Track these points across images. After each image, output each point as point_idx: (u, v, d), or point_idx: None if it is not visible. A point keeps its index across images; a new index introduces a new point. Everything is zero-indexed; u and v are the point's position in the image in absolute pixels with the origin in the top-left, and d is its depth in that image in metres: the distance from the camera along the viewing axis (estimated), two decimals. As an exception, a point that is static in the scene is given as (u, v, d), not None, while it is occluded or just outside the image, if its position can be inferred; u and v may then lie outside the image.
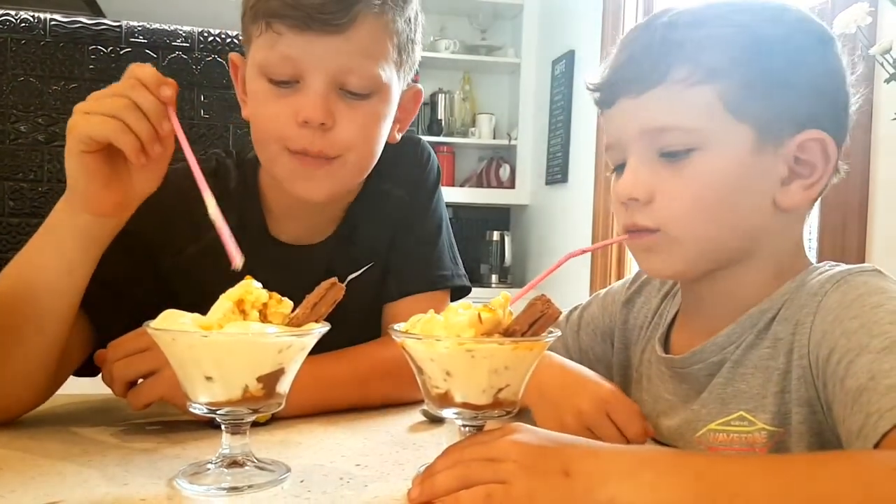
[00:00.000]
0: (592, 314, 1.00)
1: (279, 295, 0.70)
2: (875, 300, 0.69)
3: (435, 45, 3.85)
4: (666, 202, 0.77)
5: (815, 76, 0.77)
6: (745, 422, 0.76)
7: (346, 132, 0.94)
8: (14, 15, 2.64)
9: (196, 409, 0.68)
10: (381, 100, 0.97)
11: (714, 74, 0.75)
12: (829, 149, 0.76)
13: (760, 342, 0.77)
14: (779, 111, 0.76)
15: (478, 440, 0.64)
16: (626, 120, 0.80)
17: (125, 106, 0.77)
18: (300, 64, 0.91)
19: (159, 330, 0.66)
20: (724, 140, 0.75)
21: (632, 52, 0.80)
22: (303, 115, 0.91)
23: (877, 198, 1.83)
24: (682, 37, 0.76)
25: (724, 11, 0.78)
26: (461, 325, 0.64)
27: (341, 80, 0.93)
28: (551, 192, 3.69)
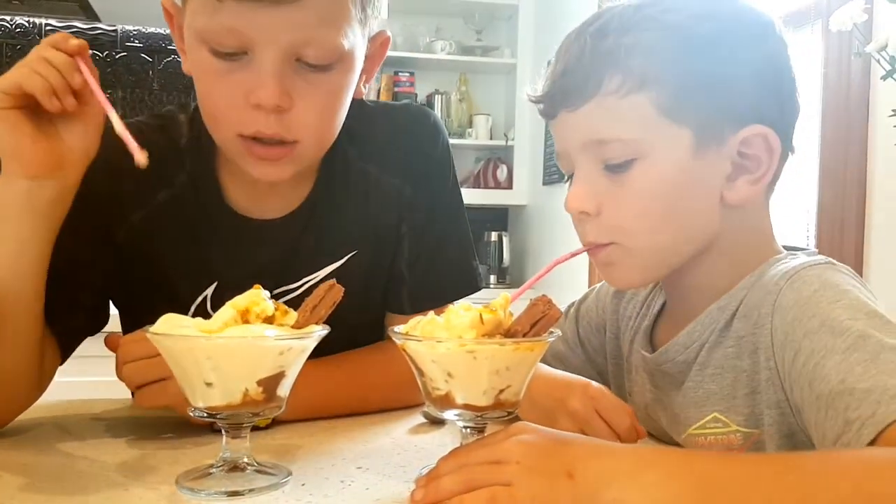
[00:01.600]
0: (588, 307, 1.01)
1: (284, 306, 0.69)
2: (830, 295, 0.68)
3: (431, 46, 3.85)
4: (613, 214, 0.77)
5: (754, 68, 0.75)
6: (719, 423, 0.76)
7: (304, 114, 0.84)
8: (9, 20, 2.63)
9: (196, 414, 0.68)
10: (345, 69, 0.87)
11: (646, 82, 0.74)
12: (771, 142, 0.75)
13: (723, 341, 0.77)
14: (717, 110, 0.75)
15: (482, 442, 0.64)
16: (567, 133, 0.80)
17: (35, 59, 0.77)
18: (247, 36, 0.80)
19: (159, 335, 0.66)
20: (662, 147, 0.75)
21: (566, 64, 0.78)
22: (255, 98, 0.81)
23: (874, 194, 1.83)
24: (611, 45, 0.75)
25: (655, 12, 0.76)
26: (462, 327, 0.64)
27: (297, 53, 0.82)
28: (549, 192, 3.69)
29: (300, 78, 0.83)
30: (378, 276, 1.03)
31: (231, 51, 0.81)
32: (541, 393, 0.81)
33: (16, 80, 0.76)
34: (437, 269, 1.04)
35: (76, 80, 0.78)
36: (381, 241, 1.02)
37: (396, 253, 1.04)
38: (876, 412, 0.58)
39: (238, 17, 0.79)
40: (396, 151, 1.03)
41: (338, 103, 0.89)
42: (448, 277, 1.05)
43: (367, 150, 1.02)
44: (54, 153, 0.80)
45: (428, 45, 3.85)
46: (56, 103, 0.77)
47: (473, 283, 1.07)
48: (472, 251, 1.09)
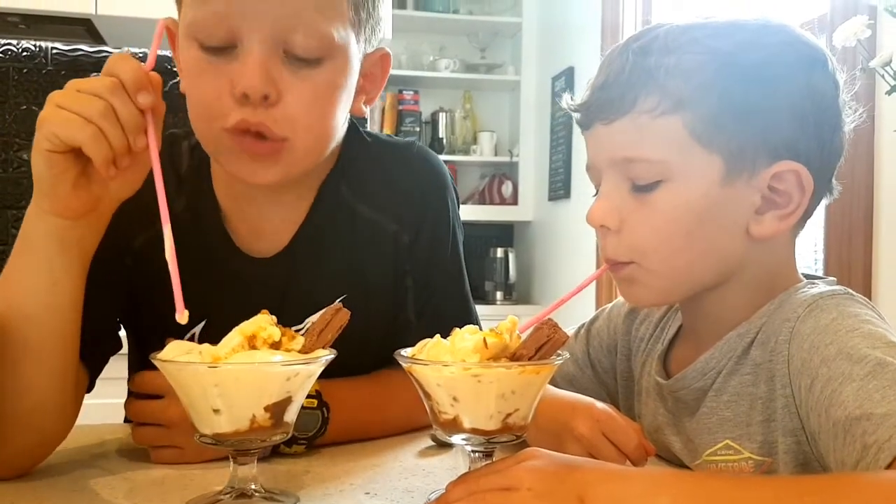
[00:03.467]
0: (599, 328, 1.00)
1: (291, 331, 0.69)
2: (849, 324, 0.68)
3: (435, 64, 3.86)
4: (633, 232, 0.76)
5: (794, 102, 0.74)
6: (731, 450, 0.75)
7: (292, 108, 0.81)
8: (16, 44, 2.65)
9: (204, 441, 0.67)
10: (336, 67, 0.84)
11: (681, 104, 0.73)
12: (804, 180, 0.74)
13: (740, 368, 0.77)
14: (750, 141, 0.73)
15: (493, 468, 0.63)
16: (598, 146, 0.79)
17: (102, 111, 0.70)
18: (235, 23, 0.79)
19: (166, 361, 0.66)
20: (691, 172, 0.74)
21: (606, 77, 0.78)
22: (241, 86, 0.78)
23: (881, 209, 1.82)
24: (653, 64, 0.74)
25: (701, 36, 0.75)
26: (466, 351, 0.64)
27: (284, 41, 0.80)
28: (554, 208, 3.69)
29: (288, 72, 0.81)
30: (376, 323, 0.98)
31: (219, 43, 0.80)
32: (546, 416, 0.80)
33: (77, 138, 0.70)
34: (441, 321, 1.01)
35: (139, 144, 0.72)
36: (376, 286, 0.98)
37: (403, 303, 1.01)
38: (893, 436, 0.58)
39: (226, 2, 0.79)
40: (394, 195, 0.99)
41: (329, 102, 0.85)
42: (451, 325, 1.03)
43: (361, 188, 0.98)
44: (92, 199, 0.75)
45: (432, 63, 3.86)
46: (112, 172, 0.72)
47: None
48: (470, 300, 1.07)
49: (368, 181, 0.99)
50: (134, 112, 0.72)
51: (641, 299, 0.83)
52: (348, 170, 0.98)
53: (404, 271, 1.00)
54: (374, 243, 0.98)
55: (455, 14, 3.89)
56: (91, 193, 0.75)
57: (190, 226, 0.92)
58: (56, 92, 0.72)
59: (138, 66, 0.73)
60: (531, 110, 3.90)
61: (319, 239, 0.97)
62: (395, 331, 1.00)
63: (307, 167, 0.90)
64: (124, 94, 0.71)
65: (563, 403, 0.82)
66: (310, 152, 0.88)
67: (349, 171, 0.98)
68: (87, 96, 0.71)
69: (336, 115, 0.87)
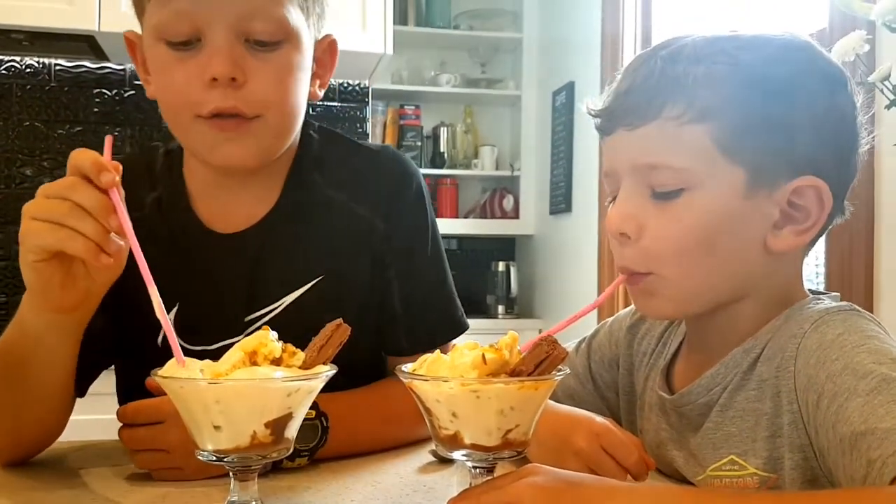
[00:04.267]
0: (600, 342, 1.00)
1: (292, 346, 0.69)
2: (855, 339, 0.68)
3: (436, 79, 3.87)
4: (653, 240, 0.76)
5: (817, 119, 0.75)
6: (735, 466, 0.75)
7: (260, 87, 0.89)
8: (19, 60, 2.67)
9: (205, 457, 0.67)
10: (294, 48, 0.92)
11: (708, 114, 0.73)
12: (824, 196, 0.75)
13: (746, 384, 0.77)
14: (774, 155, 0.74)
15: (493, 485, 0.63)
16: (620, 151, 0.79)
17: (68, 211, 0.72)
18: (197, 18, 0.86)
19: (167, 378, 0.66)
20: (714, 182, 0.74)
21: (632, 83, 0.78)
22: (209, 71, 0.86)
23: (882, 223, 1.82)
24: (681, 72, 0.75)
25: (729, 48, 0.75)
26: (465, 366, 0.64)
27: (245, 29, 0.88)
28: (556, 222, 3.69)
29: (251, 56, 0.88)
30: (352, 310, 0.97)
31: (184, 38, 0.87)
32: (546, 431, 0.80)
33: (54, 243, 0.73)
34: (427, 313, 1.04)
35: (113, 225, 0.73)
36: (352, 272, 1.01)
37: (385, 295, 1.03)
38: None
39: (188, 1, 0.86)
40: (367, 185, 1.04)
41: (291, 79, 0.92)
42: (437, 322, 1.05)
43: (336, 178, 1.03)
44: (80, 294, 0.79)
45: (433, 78, 3.88)
46: (105, 259, 0.74)
47: (460, 328, 1.07)
48: (455, 294, 1.08)
49: (342, 172, 1.03)
50: (98, 198, 0.73)
51: (658, 312, 0.83)
52: (322, 162, 1.02)
53: (385, 263, 1.02)
54: (349, 229, 1.02)
55: (456, 30, 3.90)
56: (79, 290, 0.78)
57: (157, 213, 0.99)
58: (28, 203, 0.75)
59: (94, 154, 0.74)
60: (532, 125, 3.91)
61: (293, 216, 1.01)
62: (382, 322, 1.03)
63: (279, 146, 0.96)
64: (85, 186, 0.73)
65: (563, 418, 0.82)
66: (281, 129, 0.94)
67: (323, 162, 1.03)
68: (54, 201, 0.73)
69: (298, 92, 0.94)
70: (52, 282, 0.76)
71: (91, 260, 0.73)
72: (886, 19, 1.27)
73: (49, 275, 0.76)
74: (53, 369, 0.84)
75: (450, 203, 3.90)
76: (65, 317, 0.81)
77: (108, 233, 0.74)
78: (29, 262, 0.75)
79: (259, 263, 0.98)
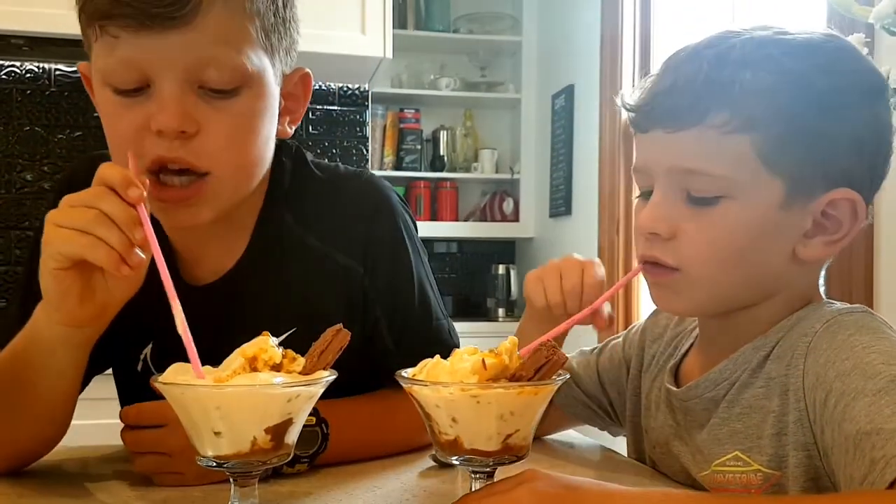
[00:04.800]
0: (615, 344, 1.02)
1: (293, 352, 0.69)
2: (866, 340, 0.68)
3: (435, 83, 3.88)
4: (687, 243, 0.76)
5: (858, 131, 0.74)
6: (740, 462, 0.75)
7: (213, 140, 0.81)
8: (19, 66, 2.67)
9: (205, 463, 0.67)
10: (254, 94, 0.84)
11: (752, 124, 0.72)
12: (858, 209, 0.74)
13: (754, 381, 0.77)
14: (813, 167, 0.73)
15: (493, 489, 0.63)
16: (656, 152, 0.78)
17: (94, 218, 0.72)
18: (145, 67, 0.79)
19: (167, 384, 0.66)
20: (753, 192, 0.73)
21: (674, 82, 0.76)
22: (156, 124, 0.79)
23: (881, 223, 1.82)
24: (727, 77, 0.73)
25: (777, 53, 0.73)
26: (465, 372, 0.64)
27: (198, 77, 0.81)
28: (556, 225, 3.69)
29: (205, 104, 0.82)
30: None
31: (132, 87, 0.81)
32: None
33: (77, 251, 0.72)
34: (419, 346, 0.98)
35: (138, 238, 0.73)
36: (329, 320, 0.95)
37: (375, 333, 1.00)
38: None
39: (133, 49, 0.79)
40: (343, 225, 0.99)
41: (250, 131, 0.85)
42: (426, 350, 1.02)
43: (308, 218, 0.98)
44: (97, 308, 0.78)
45: (433, 81, 3.88)
46: (125, 270, 0.73)
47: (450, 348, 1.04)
48: (442, 313, 1.05)
49: (315, 213, 0.98)
50: (125, 209, 0.72)
51: (675, 308, 0.83)
52: (294, 201, 0.98)
53: (368, 301, 0.99)
54: (326, 276, 0.98)
55: (455, 33, 3.90)
56: (96, 304, 0.77)
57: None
58: (52, 211, 0.74)
59: (122, 169, 0.74)
60: (532, 128, 3.91)
61: (263, 267, 0.96)
62: (376, 357, 1.00)
63: (236, 200, 0.90)
64: (113, 196, 0.73)
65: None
66: (236, 184, 0.88)
67: (295, 202, 0.98)
68: (79, 209, 0.73)
69: (258, 142, 0.87)
70: (71, 292, 0.75)
71: (112, 270, 0.73)
72: (885, 22, 1.28)
73: (68, 285, 0.75)
74: (61, 380, 0.83)
75: (450, 206, 3.90)
76: (78, 330, 0.79)
77: (133, 245, 0.73)
78: (49, 270, 0.74)
79: (227, 318, 0.93)
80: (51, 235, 0.73)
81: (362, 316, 1.00)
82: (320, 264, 0.97)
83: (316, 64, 1.22)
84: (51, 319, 0.78)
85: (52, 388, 0.83)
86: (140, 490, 0.81)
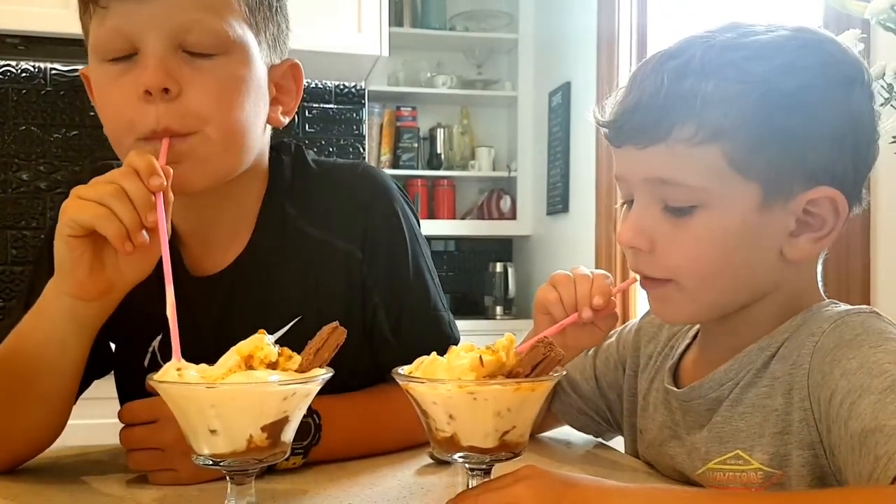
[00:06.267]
0: (610, 343, 1.01)
1: (289, 350, 0.69)
2: (873, 340, 0.68)
3: (432, 80, 3.88)
4: (668, 254, 0.76)
5: (834, 126, 0.73)
6: (740, 460, 0.75)
7: (196, 99, 0.84)
8: (14, 65, 2.67)
9: (201, 462, 0.67)
10: (237, 61, 0.88)
11: (720, 134, 0.71)
12: (839, 206, 0.74)
13: (758, 381, 0.77)
14: (789, 167, 0.72)
15: (491, 486, 0.63)
16: (631, 166, 0.78)
17: (113, 192, 0.76)
18: (132, 32, 0.84)
19: (162, 382, 0.66)
20: (728, 199, 0.73)
21: (639, 99, 0.76)
22: (141, 83, 0.83)
23: (878, 219, 1.82)
24: (689, 90, 0.72)
25: (738, 58, 0.72)
26: (462, 369, 0.64)
27: (182, 40, 0.85)
28: (553, 223, 3.69)
29: (187, 66, 0.85)
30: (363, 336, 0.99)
31: (120, 54, 0.85)
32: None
33: (89, 218, 0.76)
34: (417, 335, 1.01)
35: (150, 220, 0.76)
36: (331, 307, 0.98)
37: (374, 320, 1.01)
38: None
39: (121, 17, 0.84)
40: (342, 213, 1.00)
41: (233, 93, 0.88)
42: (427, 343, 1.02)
43: (309, 209, 1.00)
44: (106, 283, 0.81)
45: (429, 79, 3.88)
46: (128, 247, 0.76)
47: (449, 342, 1.03)
48: (443, 305, 1.06)
49: (315, 203, 1.00)
50: (144, 192, 0.77)
51: (674, 317, 0.84)
52: (294, 193, 1.00)
53: (367, 287, 1.00)
54: (327, 264, 0.99)
55: (451, 31, 3.90)
56: (105, 278, 0.81)
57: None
58: (79, 185, 0.78)
59: (151, 158, 0.78)
60: (528, 125, 3.91)
61: (266, 257, 0.98)
62: (374, 350, 1.01)
63: (231, 164, 0.91)
64: (136, 178, 0.77)
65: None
66: (226, 145, 0.88)
67: (295, 194, 1.00)
68: (103, 184, 0.77)
69: (244, 107, 0.89)
70: (82, 261, 0.78)
71: (117, 244, 0.76)
72: (881, 18, 1.27)
73: (80, 253, 0.78)
74: (61, 368, 0.84)
75: (447, 204, 3.90)
76: (85, 306, 0.81)
77: (142, 226, 0.77)
78: (63, 237, 0.77)
79: (231, 308, 0.97)
80: (69, 204, 0.77)
81: (362, 303, 1.01)
82: (322, 252, 0.99)
83: (312, 62, 1.22)
84: (59, 289, 0.80)
85: (53, 370, 0.83)
86: (136, 489, 0.81)
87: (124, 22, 0.84)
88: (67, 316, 0.81)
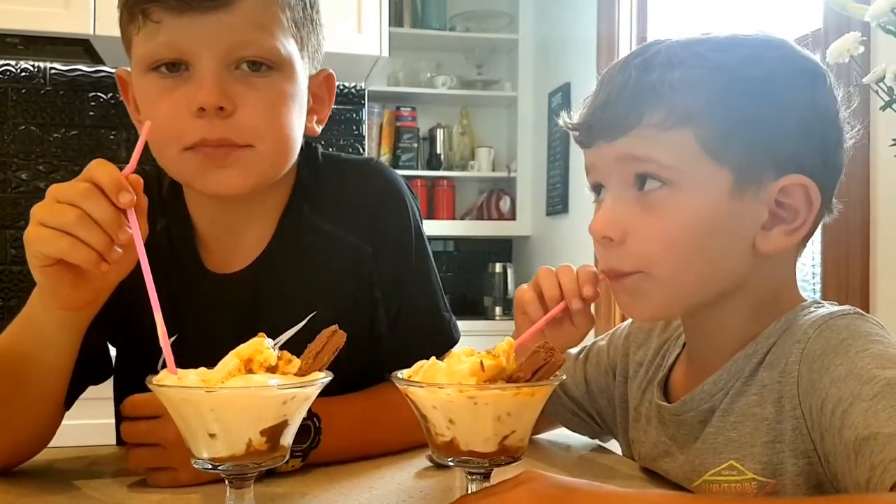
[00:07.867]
0: (600, 348, 1.01)
1: (288, 353, 0.69)
2: (859, 344, 0.68)
3: (432, 81, 3.88)
4: (639, 241, 0.76)
5: (800, 115, 0.74)
6: (734, 471, 0.75)
7: (251, 116, 0.86)
8: (14, 65, 2.66)
9: (200, 465, 0.67)
10: (285, 77, 0.89)
11: (690, 118, 0.73)
12: (811, 195, 0.74)
13: (747, 389, 0.76)
14: (759, 154, 0.73)
15: (490, 491, 0.63)
16: (602, 153, 0.78)
17: (76, 219, 0.71)
18: (185, 48, 0.84)
19: (161, 386, 0.66)
20: (700, 182, 0.73)
21: (608, 96, 0.77)
22: (196, 101, 0.83)
23: (878, 223, 1.82)
24: (656, 79, 0.74)
25: (703, 50, 0.74)
26: (462, 373, 0.64)
27: (235, 58, 0.86)
28: (552, 223, 3.69)
29: (241, 84, 0.86)
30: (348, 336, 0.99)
31: (171, 61, 0.85)
32: None
33: (56, 251, 0.72)
34: (415, 335, 1.02)
35: (122, 239, 0.73)
36: (343, 301, 0.99)
37: (374, 316, 1.02)
38: None
39: (175, 32, 0.84)
40: (352, 209, 1.01)
41: (283, 109, 0.90)
42: (425, 344, 0.99)
43: (324, 205, 1.01)
44: (93, 292, 0.79)
45: (429, 80, 3.88)
46: (104, 267, 0.73)
47: (449, 344, 1.05)
48: (445, 305, 1.07)
49: (327, 198, 1.02)
50: (110, 211, 0.72)
51: (642, 312, 0.82)
52: (307, 190, 1.01)
53: (371, 282, 1.01)
54: (338, 258, 1.00)
55: (451, 31, 3.90)
56: (91, 289, 0.79)
57: (166, 246, 0.97)
58: (37, 205, 0.73)
59: (114, 170, 0.73)
60: (528, 126, 3.91)
61: (284, 257, 0.99)
62: (371, 345, 1.02)
63: (272, 175, 0.94)
64: (98, 197, 0.72)
65: None
66: (274, 159, 0.91)
67: (308, 191, 1.01)
68: (63, 206, 0.72)
69: (292, 122, 0.91)
70: (62, 283, 0.76)
71: (92, 269, 0.73)
72: (881, 21, 1.27)
73: (57, 278, 0.76)
74: (52, 367, 0.83)
75: (446, 205, 3.90)
76: (73, 313, 0.81)
77: (113, 244, 0.73)
78: (35, 267, 0.75)
79: (253, 305, 0.98)
80: (32, 234, 0.73)
81: (369, 299, 1.02)
82: (335, 247, 1.00)
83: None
84: (46, 304, 0.79)
85: (43, 373, 0.83)
86: (135, 491, 0.81)
87: (178, 37, 0.84)
88: (56, 324, 0.81)
